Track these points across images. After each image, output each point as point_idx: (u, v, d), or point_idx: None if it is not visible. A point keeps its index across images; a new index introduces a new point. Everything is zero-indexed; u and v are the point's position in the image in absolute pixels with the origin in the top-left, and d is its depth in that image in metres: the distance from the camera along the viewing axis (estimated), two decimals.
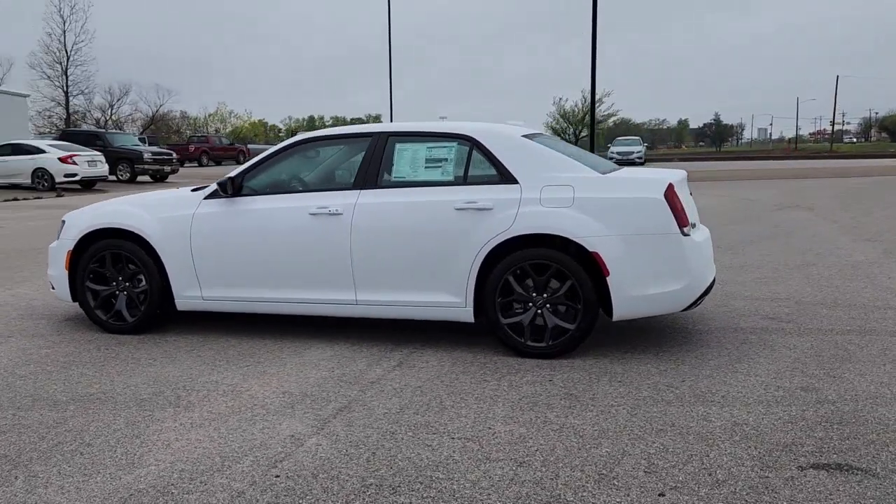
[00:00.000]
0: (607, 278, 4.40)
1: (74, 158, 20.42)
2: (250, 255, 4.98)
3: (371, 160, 4.90)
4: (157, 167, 24.72)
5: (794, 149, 67.88)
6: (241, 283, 5.04)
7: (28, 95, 32.85)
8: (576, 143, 20.91)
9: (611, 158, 38.39)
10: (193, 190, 5.33)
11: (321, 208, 4.82)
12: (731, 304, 5.95)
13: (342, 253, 4.79)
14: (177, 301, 5.20)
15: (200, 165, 42.37)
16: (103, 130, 30.45)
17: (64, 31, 60.95)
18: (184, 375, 4.32)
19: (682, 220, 4.42)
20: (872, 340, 4.80)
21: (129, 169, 24.27)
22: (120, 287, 5.29)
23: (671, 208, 4.39)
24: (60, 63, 59.41)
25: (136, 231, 5.16)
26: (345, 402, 3.83)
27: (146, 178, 25.46)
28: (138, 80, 64.79)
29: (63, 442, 3.37)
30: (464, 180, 4.73)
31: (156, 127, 62.39)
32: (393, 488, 2.87)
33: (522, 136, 4.82)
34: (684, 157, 54.13)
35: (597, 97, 49.60)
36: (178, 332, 5.33)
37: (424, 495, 2.81)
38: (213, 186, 5.14)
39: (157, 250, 5.13)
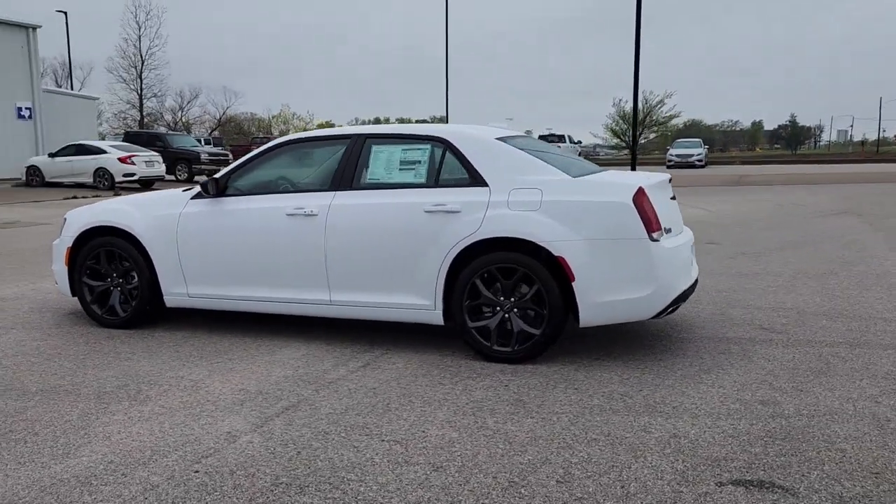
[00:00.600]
0: (573, 284, 4.33)
1: (133, 159, 21.25)
2: (232, 254, 5.10)
3: (348, 162, 4.95)
4: (214, 167, 25.44)
5: (875, 152, 64.74)
6: (224, 281, 5.16)
7: (98, 99, 34.33)
8: (634, 147, 20.18)
9: (669, 161, 37.56)
10: (184, 190, 5.49)
11: (298, 209, 4.90)
12: (728, 312, 5.76)
13: (317, 254, 4.86)
14: (165, 298, 5.36)
15: None
16: (164, 132, 31.58)
17: (139, 37, 63.41)
18: (154, 370, 4.46)
19: (651, 226, 4.30)
20: (860, 354, 4.57)
21: (186, 169, 25.10)
22: (114, 283, 5.49)
23: (639, 213, 4.29)
24: (135, 67, 61.81)
25: (127, 229, 5.35)
26: (294, 402, 3.88)
27: (203, 177, 26.29)
28: (208, 83, 66.92)
29: (14, 430, 3.53)
30: (435, 183, 4.73)
31: (223, 128, 64.25)
32: (301, 488, 2.90)
33: (496, 138, 4.78)
34: (750, 160, 52.48)
35: (658, 98, 48.71)
36: (167, 327, 5.49)
37: (328, 496, 2.83)
38: (199, 187, 5.28)
39: (147, 248, 5.30)
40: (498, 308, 4.52)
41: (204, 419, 3.64)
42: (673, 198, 4.98)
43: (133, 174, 21.16)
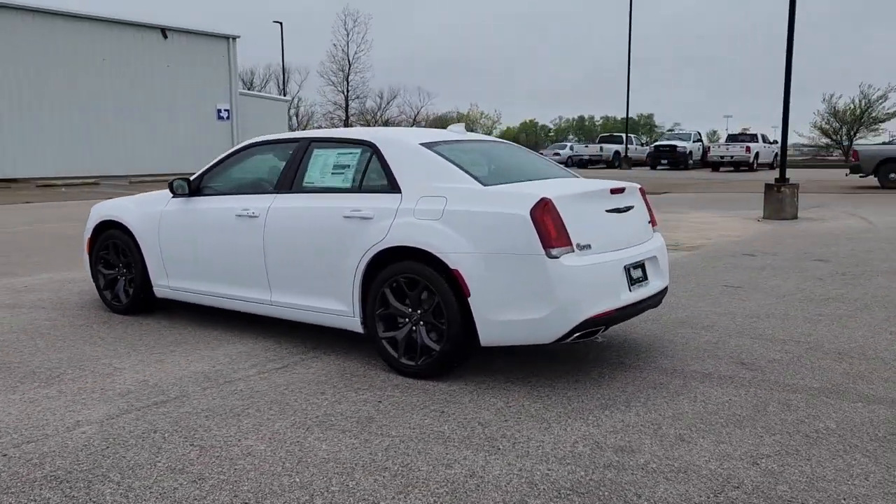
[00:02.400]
0: (468, 299, 4.05)
1: None
2: (196, 251, 5.36)
3: (291, 165, 5.00)
4: None
5: None
6: (192, 276, 5.45)
7: (288, 100, 37.34)
8: (848, 147, 17.71)
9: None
10: None
11: (244, 210, 5.04)
12: (725, 341, 5.05)
13: (258, 255, 4.97)
14: (154, 289, 5.76)
15: None
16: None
17: (347, 42, 68.02)
18: (98, 355, 4.81)
19: (549, 241, 3.90)
20: (818, 404, 3.81)
21: None
22: (119, 273, 6.00)
23: (537, 227, 3.90)
24: (343, 70, 66.46)
25: (125, 224, 5.82)
26: (171, 397, 4.01)
27: None
28: (406, 84, 70.16)
29: None
30: (359, 187, 4.64)
31: (417, 127, 67.09)
32: (60, 482, 3.00)
33: (422, 143, 4.58)
34: None
35: (879, 92, 43.05)
36: (160, 316, 5.89)
37: (70, 493, 2.90)
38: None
39: (139, 241, 5.74)
40: (407, 320, 4.35)
41: (75, 406, 3.88)
42: (624, 209, 4.46)
43: None
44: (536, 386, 4.15)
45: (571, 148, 44.65)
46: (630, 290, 4.29)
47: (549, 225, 3.93)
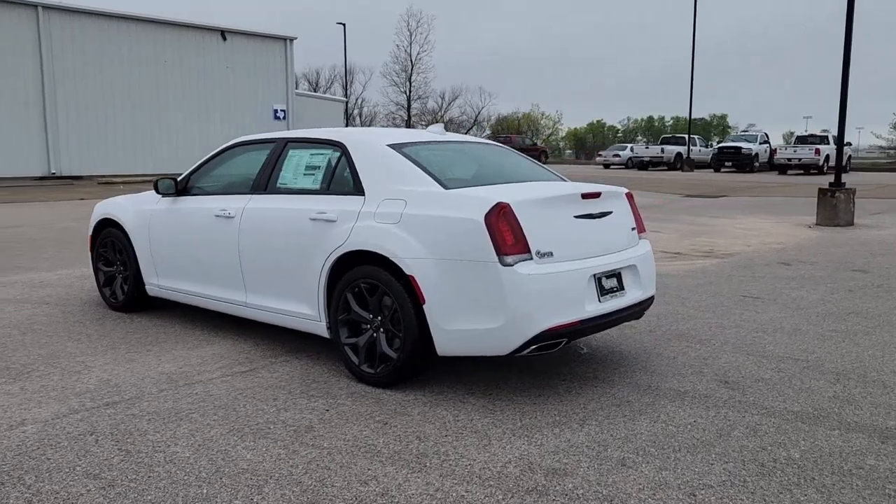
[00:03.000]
0: (423, 306, 3.90)
1: None
2: (180, 250, 5.37)
3: (267, 166, 4.95)
4: None
5: None
6: (177, 275, 5.46)
7: (345, 101, 37.72)
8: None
9: None
10: None
11: (222, 210, 5.01)
12: (715, 357, 4.75)
13: (233, 255, 4.93)
14: (146, 287, 5.80)
15: None
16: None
17: (410, 43, 68.47)
18: (75, 352, 4.86)
19: (503, 248, 3.71)
20: (791, 429, 3.52)
21: None
22: (117, 270, 6.08)
23: (490, 232, 3.72)
24: (406, 71, 66.96)
25: (120, 222, 5.89)
26: (124, 399, 3.99)
27: None
28: (468, 85, 70.15)
29: None
30: (327, 189, 4.54)
31: (478, 128, 66.86)
32: None
33: (389, 144, 4.44)
34: None
35: None
36: (155, 314, 5.93)
37: None
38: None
39: (132, 240, 5.79)
40: (368, 326, 4.23)
41: (28, 404, 3.91)
42: (598, 215, 4.22)
43: None
44: (496, 399, 3.97)
45: (631, 149, 43.70)
46: (600, 301, 4.06)
47: (503, 231, 3.74)
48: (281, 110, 29.11)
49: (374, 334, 4.18)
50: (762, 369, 4.49)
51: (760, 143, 37.43)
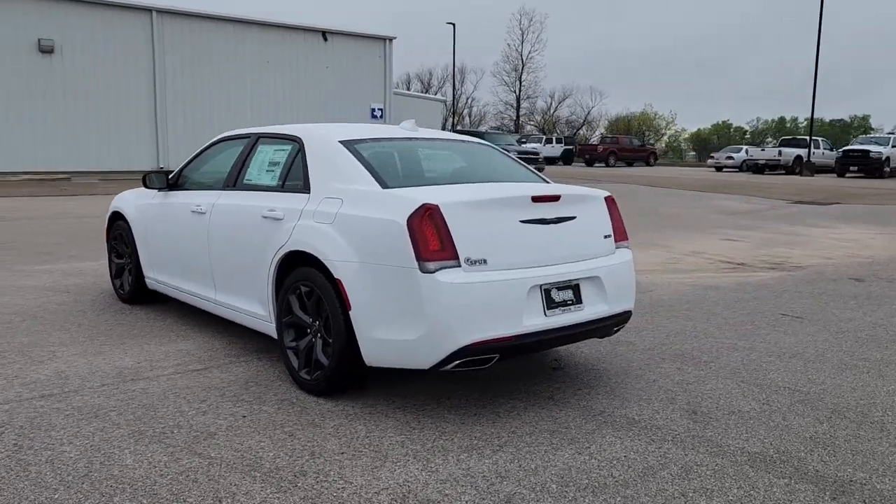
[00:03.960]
0: (350, 312, 3.67)
1: None
2: (166, 245, 5.39)
3: (237, 161, 4.86)
4: None
5: None
6: (163, 269, 5.49)
7: (443, 101, 37.78)
8: None
9: None
10: None
11: (197, 206, 4.98)
12: (700, 383, 4.24)
13: (203, 251, 4.88)
14: (145, 279, 5.87)
15: (607, 166, 43.11)
16: (484, 131, 33.38)
17: (522, 42, 68.07)
18: (54, 342, 4.94)
19: (425, 253, 3.42)
20: (733, 473, 3.04)
21: None
22: (126, 262, 6.20)
23: (412, 236, 3.44)
24: (516, 70, 66.54)
25: (124, 214, 6.00)
26: (62, 391, 3.98)
27: None
28: (579, 84, 68.79)
29: None
30: (282, 186, 4.39)
31: (587, 128, 65.42)
32: None
33: (342, 140, 4.23)
34: None
35: None
36: (158, 307, 5.99)
37: None
38: None
39: (133, 233, 5.88)
40: (309, 330, 4.04)
41: None
42: (555, 220, 3.83)
43: None
44: (427, 415, 3.68)
45: (746, 151, 41.32)
46: (546, 315, 3.68)
47: (426, 234, 3.45)
48: (378, 109, 29.51)
49: (313, 339, 3.99)
50: (746, 400, 3.95)
51: (893, 146, 34.38)
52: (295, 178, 4.31)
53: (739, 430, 3.53)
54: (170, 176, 5.54)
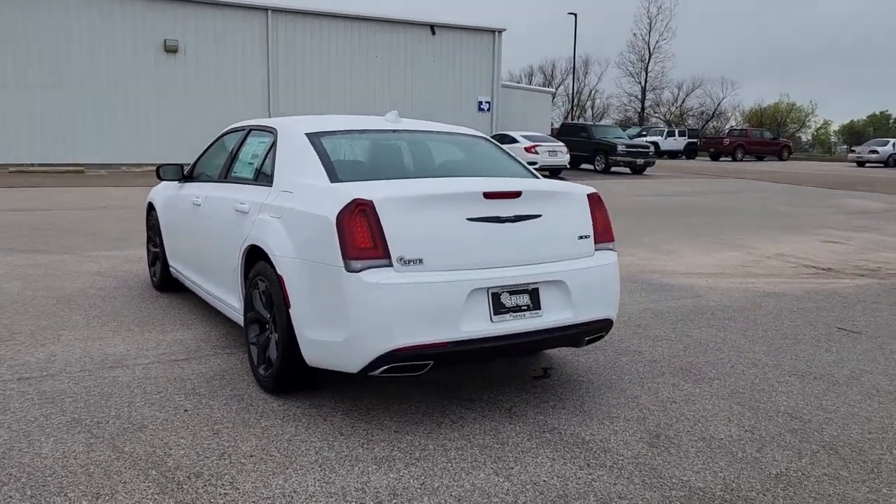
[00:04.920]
0: (289, 310, 3.56)
1: (537, 148, 22.56)
2: (177, 234, 5.51)
3: (230, 153, 4.87)
4: (630, 159, 25.23)
5: None
6: (177, 259, 5.61)
7: (552, 92, 36.96)
8: None
9: None
10: None
11: (196, 198, 5.03)
12: (690, 402, 3.81)
13: (198, 242, 4.94)
14: (170, 268, 6.04)
15: (734, 160, 40.81)
16: (590, 123, 32.31)
17: (649, 30, 65.63)
18: (68, 325, 5.14)
19: (352, 251, 3.24)
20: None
21: (603, 160, 25.47)
22: (158, 251, 6.41)
23: (340, 233, 3.28)
24: (642, 60, 64.26)
25: (154, 205, 6.19)
26: (41, 375, 4.09)
27: (625, 170, 26.18)
28: (710, 74, 65.48)
29: None
30: (256, 178, 4.34)
31: (717, 120, 62.19)
32: None
33: (308, 132, 4.10)
34: None
35: None
36: (182, 296, 6.15)
37: None
38: None
39: (159, 222, 6.06)
40: (267, 326, 3.97)
41: None
42: (513, 218, 3.54)
43: (535, 163, 22.45)
44: (370, 419, 3.52)
45: (893, 145, 37.81)
46: (492, 321, 3.40)
47: (356, 231, 3.27)
48: (486, 102, 29.35)
49: (269, 335, 3.92)
50: (728, 426, 3.50)
51: None
52: (266, 170, 4.25)
53: (696, 460, 3.12)
54: (185, 168, 5.64)
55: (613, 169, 25.80)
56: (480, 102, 29.32)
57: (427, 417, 3.56)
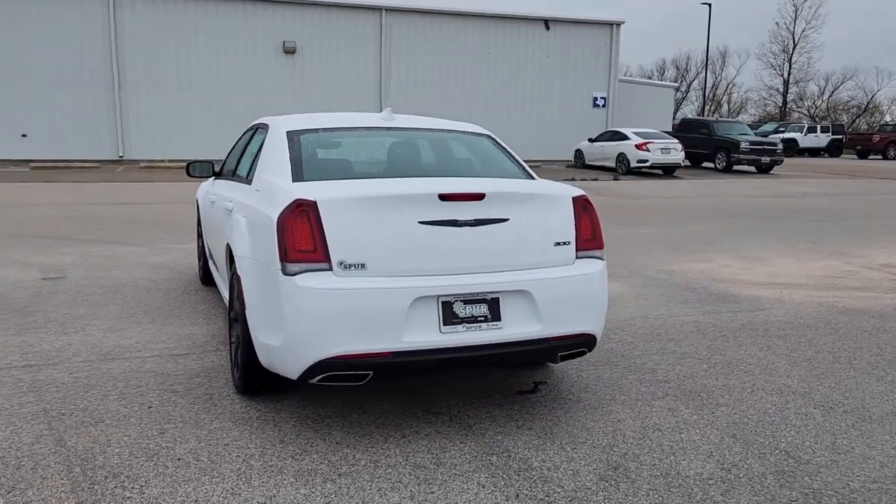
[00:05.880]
0: (245, 311, 3.50)
1: (648, 146, 21.59)
2: (204, 230, 5.62)
3: (241, 151, 4.88)
4: (754, 157, 23.63)
5: None
6: (208, 254, 5.73)
7: (675, 87, 35.22)
8: None
9: None
10: None
11: (213, 195, 5.10)
12: (678, 430, 3.41)
13: (213, 240, 5.00)
14: (209, 262, 6.18)
15: (885, 158, 37.44)
16: (713, 119, 30.42)
17: (794, 18, 61.43)
18: (100, 315, 5.35)
19: (290, 254, 3.13)
20: None
21: (725, 158, 24.02)
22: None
23: (279, 234, 3.17)
24: (786, 52, 60.28)
25: (197, 199, 6.37)
26: (47, 363, 4.26)
27: (750, 168, 24.59)
28: (862, 65, 60.40)
29: None
30: (245, 177, 4.31)
31: (869, 116, 57.25)
32: None
33: (290, 129, 4.01)
34: None
35: None
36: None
37: None
38: None
39: (199, 217, 6.22)
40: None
41: None
42: (472, 222, 3.29)
43: (646, 161, 21.51)
44: (320, 427, 3.40)
45: None
46: (442, 332, 3.18)
47: (296, 233, 3.14)
48: (601, 98, 28.48)
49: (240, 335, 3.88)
50: (706, 462, 3.09)
51: None
52: (253, 169, 4.21)
53: (643, 500, 2.76)
54: (215, 165, 5.74)
55: (736, 168, 24.29)
56: (595, 98, 28.49)
57: (379, 430, 3.39)
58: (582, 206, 3.58)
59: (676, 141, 22.14)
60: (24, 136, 21.92)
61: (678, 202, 14.42)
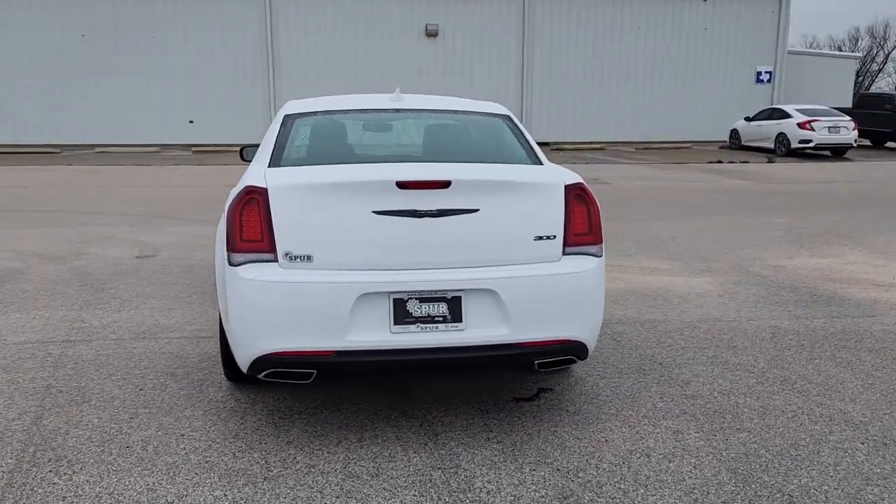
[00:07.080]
0: (219, 300, 3.44)
1: (813, 124, 19.50)
2: None
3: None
4: None
5: None
6: None
7: (858, 57, 31.48)
8: None
9: None
10: None
11: None
12: (680, 455, 2.94)
13: None
14: None
15: None
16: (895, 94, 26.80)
17: None
18: (139, 296, 5.54)
19: (235, 244, 3.00)
20: None
21: None
22: None
23: (229, 223, 3.06)
24: None
25: None
26: (55, 340, 4.33)
27: None
28: None
29: None
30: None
31: None
32: None
33: (289, 113, 3.87)
34: None
35: None
36: None
37: None
38: None
39: None
40: None
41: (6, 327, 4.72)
42: (436, 213, 2.99)
43: (809, 141, 19.45)
44: (280, 423, 3.28)
45: None
46: (392, 332, 2.93)
47: (243, 222, 3.01)
48: (766, 72, 26.18)
49: None
50: (683, 500, 2.60)
51: None
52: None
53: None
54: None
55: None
56: (759, 73, 26.24)
57: (339, 430, 3.20)
58: (576, 196, 3.15)
59: (849, 118, 19.85)
60: (191, 122, 23.77)
61: (832, 188, 12.90)
